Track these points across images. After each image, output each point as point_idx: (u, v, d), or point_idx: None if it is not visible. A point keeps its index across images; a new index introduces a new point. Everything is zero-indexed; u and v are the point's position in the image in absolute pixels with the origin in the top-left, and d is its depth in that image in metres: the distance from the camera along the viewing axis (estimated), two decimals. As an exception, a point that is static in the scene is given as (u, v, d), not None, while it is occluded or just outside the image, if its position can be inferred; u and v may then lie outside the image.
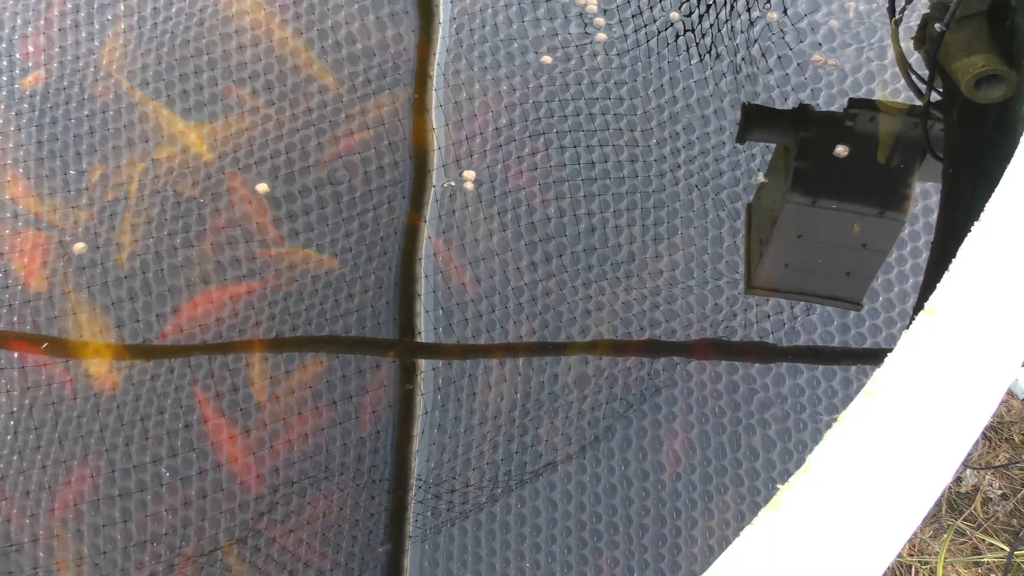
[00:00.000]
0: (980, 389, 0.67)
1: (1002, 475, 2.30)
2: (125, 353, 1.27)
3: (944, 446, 0.64)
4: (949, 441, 0.64)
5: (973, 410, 0.66)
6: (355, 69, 1.44)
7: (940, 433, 0.65)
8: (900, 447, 0.64)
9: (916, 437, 0.65)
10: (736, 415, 1.22)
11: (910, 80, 1.39)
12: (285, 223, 1.34)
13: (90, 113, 1.41)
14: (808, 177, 1.37)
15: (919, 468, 0.63)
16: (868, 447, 0.64)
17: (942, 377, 0.67)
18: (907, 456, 0.64)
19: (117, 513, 1.19)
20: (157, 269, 1.31)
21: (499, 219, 1.34)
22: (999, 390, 0.67)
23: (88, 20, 1.49)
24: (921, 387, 0.66)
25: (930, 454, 0.64)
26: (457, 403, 1.24)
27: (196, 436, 1.22)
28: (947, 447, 0.64)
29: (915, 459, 0.64)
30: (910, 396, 0.66)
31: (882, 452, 0.64)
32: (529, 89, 1.43)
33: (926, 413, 0.66)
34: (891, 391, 0.66)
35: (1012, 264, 0.72)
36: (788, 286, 1.32)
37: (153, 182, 1.36)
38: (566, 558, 1.16)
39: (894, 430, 0.65)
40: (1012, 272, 0.72)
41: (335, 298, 1.30)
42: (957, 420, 0.65)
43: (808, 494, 0.61)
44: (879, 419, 0.65)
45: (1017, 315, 0.70)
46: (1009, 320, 0.70)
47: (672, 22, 1.42)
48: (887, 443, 0.64)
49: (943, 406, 0.66)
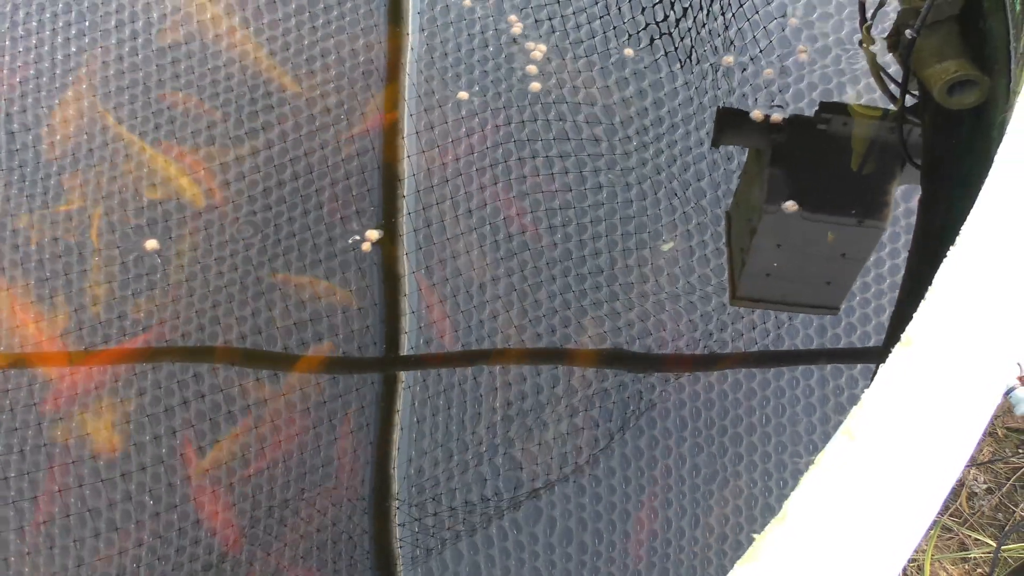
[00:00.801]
0: (960, 423, 0.65)
1: (987, 469, 2.30)
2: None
3: (924, 487, 0.62)
4: (929, 481, 0.62)
5: (953, 446, 0.64)
6: (325, 77, 1.41)
7: (920, 473, 0.63)
8: (879, 490, 0.63)
9: (895, 478, 0.63)
10: (723, 424, 1.21)
11: (884, 86, 1.37)
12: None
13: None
14: (783, 185, 1.35)
15: (899, 511, 0.61)
16: (845, 491, 0.62)
17: (921, 413, 0.66)
18: (886, 499, 0.62)
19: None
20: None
21: (477, 232, 1.32)
22: (980, 423, 0.65)
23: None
24: (899, 425, 0.65)
25: (910, 495, 0.62)
26: (434, 418, 1.22)
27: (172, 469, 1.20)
28: (927, 488, 0.62)
29: (895, 501, 0.62)
30: (888, 435, 0.64)
31: (860, 496, 0.62)
32: (501, 103, 1.40)
33: (905, 452, 0.64)
34: (869, 430, 0.64)
35: (989, 292, 0.71)
36: (770, 296, 1.31)
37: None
38: (551, 573, 1.15)
39: (872, 472, 0.63)
40: (989, 300, 0.70)
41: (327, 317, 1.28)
42: (937, 458, 0.63)
43: (784, 543, 0.59)
44: (857, 461, 0.63)
45: (995, 345, 0.69)
46: (988, 350, 0.69)
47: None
48: (865, 486, 0.62)
49: (922, 444, 0.64)
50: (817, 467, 0.63)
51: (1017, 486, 2.28)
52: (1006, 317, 0.70)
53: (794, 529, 0.60)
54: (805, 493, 0.61)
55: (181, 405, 1.22)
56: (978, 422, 0.65)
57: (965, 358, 0.68)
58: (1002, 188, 0.76)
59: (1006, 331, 0.70)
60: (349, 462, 1.21)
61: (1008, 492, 2.27)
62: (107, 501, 1.18)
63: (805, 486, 0.61)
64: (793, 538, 0.59)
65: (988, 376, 0.67)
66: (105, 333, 1.26)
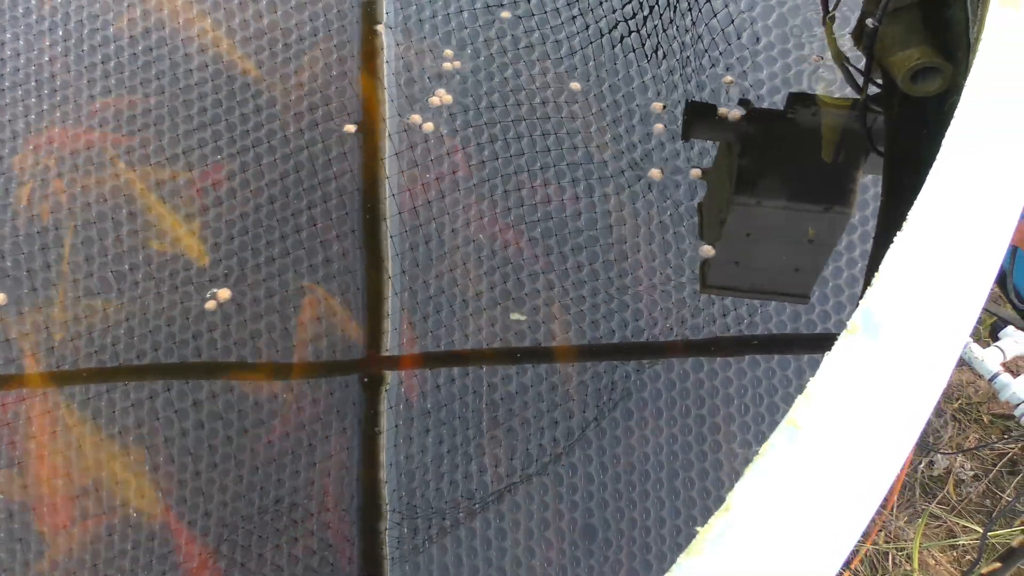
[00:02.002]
0: (905, 410, 0.65)
1: (973, 456, 2.30)
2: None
3: (869, 475, 0.62)
4: (874, 470, 0.62)
5: (899, 433, 0.64)
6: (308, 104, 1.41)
7: (865, 461, 0.63)
8: (824, 479, 0.62)
9: (841, 467, 0.63)
10: (700, 412, 1.22)
11: (849, 75, 1.37)
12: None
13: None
14: (753, 175, 1.36)
15: (844, 500, 0.61)
16: (790, 481, 0.62)
17: (866, 400, 0.65)
18: (831, 488, 0.62)
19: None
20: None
21: (463, 217, 1.32)
22: (925, 410, 0.65)
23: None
24: (845, 413, 0.65)
25: (855, 484, 0.62)
26: (424, 414, 1.22)
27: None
28: (872, 476, 0.62)
29: (840, 490, 0.62)
30: (834, 423, 0.64)
31: (805, 486, 0.62)
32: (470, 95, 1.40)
33: (851, 441, 0.64)
34: (814, 419, 0.64)
35: (934, 277, 0.71)
36: (739, 284, 1.32)
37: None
38: (546, 569, 1.16)
39: (817, 461, 0.63)
40: (934, 285, 0.70)
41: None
42: (882, 446, 0.63)
43: (729, 535, 0.59)
44: (801, 450, 0.63)
45: (941, 330, 0.68)
46: (934, 335, 0.69)
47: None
48: (810, 476, 0.62)
49: (868, 432, 0.64)
50: (762, 456, 0.63)
51: (1003, 472, 2.28)
52: (951, 302, 0.70)
53: (738, 520, 0.60)
54: (749, 483, 0.61)
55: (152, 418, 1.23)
56: (923, 409, 0.65)
57: (910, 344, 0.68)
58: (949, 168, 0.76)
59: (951, 316, 0.70)
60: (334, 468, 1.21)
61: (995, 478, 2.27)
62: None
63: (749, 476, 0.62)
64: (737, 529, 0.59)
65: (933, 361, 0.67)
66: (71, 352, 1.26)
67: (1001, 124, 0.79)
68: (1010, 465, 2.26)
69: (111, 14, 1.48)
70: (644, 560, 1.16)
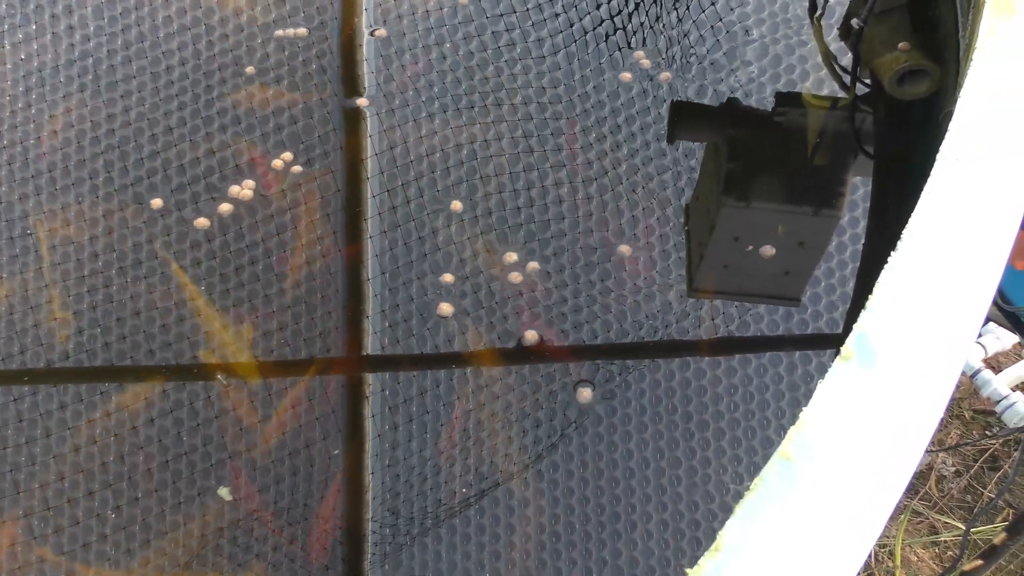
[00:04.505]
0: (902, 442, 0.63)
1: (955, 452, 2.30)
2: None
3: (865, 511, 0.60)
4: (870, 505, 0.60)
5: (896, 467, 0.62)
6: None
7: (861, 496, 0.60)
8: (819, 515, 0.60)
9: (836, 503, 0.61)
10: (687, 410, 1.20)
11: (837, 77, 1.35)
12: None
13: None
14: (741, 179, 1.34)
15: (839, 538, 0.59)
16: (783, 518, 0.59)
17: (863, 432, 0.63)
18: (827, 525, 0.60)
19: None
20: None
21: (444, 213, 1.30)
22: (922, 442, 0.63)
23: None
24: (840, 446, 0.62)
25: (851, 520, 0.60)
26: (408, 420, 1.20)
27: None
28: (868, 513, 0.60)
29: (835, 527, 0.60)
30: (829, 456, 0.62)
31: (799, 523, 0.59)
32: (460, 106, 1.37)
33: (846, 474, 0.62)
34: (808, 452, 0.62)
35: (929, 302, 0.68)
36: (728, 288, 1.30)
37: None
38: (525, 563, 1.14)
39: (812, 497, 0.60)
40: (930, 311, 0.68)
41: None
42: (878, 480, 0.61)
43: (720, 577, 0.57)
44: (795, 485, 0.60)
45: (938, 359, 0.66)
46: (930, 364, 0.66)
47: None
48: (804, 512, 0.60)
49: (865, 463, 0.62)
50: (753, 492, 0.60)
51: (985, 468, 2.28)
52: (948, 325, 0.68)
53: (728, 561, 0.57)
54: (740, 521, 0.59)
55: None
56: (919, 440, 0.63)
57: (907, 373, 0.66)
58: (942, 187, 0.74)
59: (948, 339, 0.68)
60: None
61: (976, 474, 2.27)
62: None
63: (740, 514, 0.59)
64: (727, 572, 0.57)
65: (930, 391, 0.65)
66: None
67: (996, 137, 0.77)
68: (991, 461, 2.27)
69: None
70: (630, 557, 1.15)
